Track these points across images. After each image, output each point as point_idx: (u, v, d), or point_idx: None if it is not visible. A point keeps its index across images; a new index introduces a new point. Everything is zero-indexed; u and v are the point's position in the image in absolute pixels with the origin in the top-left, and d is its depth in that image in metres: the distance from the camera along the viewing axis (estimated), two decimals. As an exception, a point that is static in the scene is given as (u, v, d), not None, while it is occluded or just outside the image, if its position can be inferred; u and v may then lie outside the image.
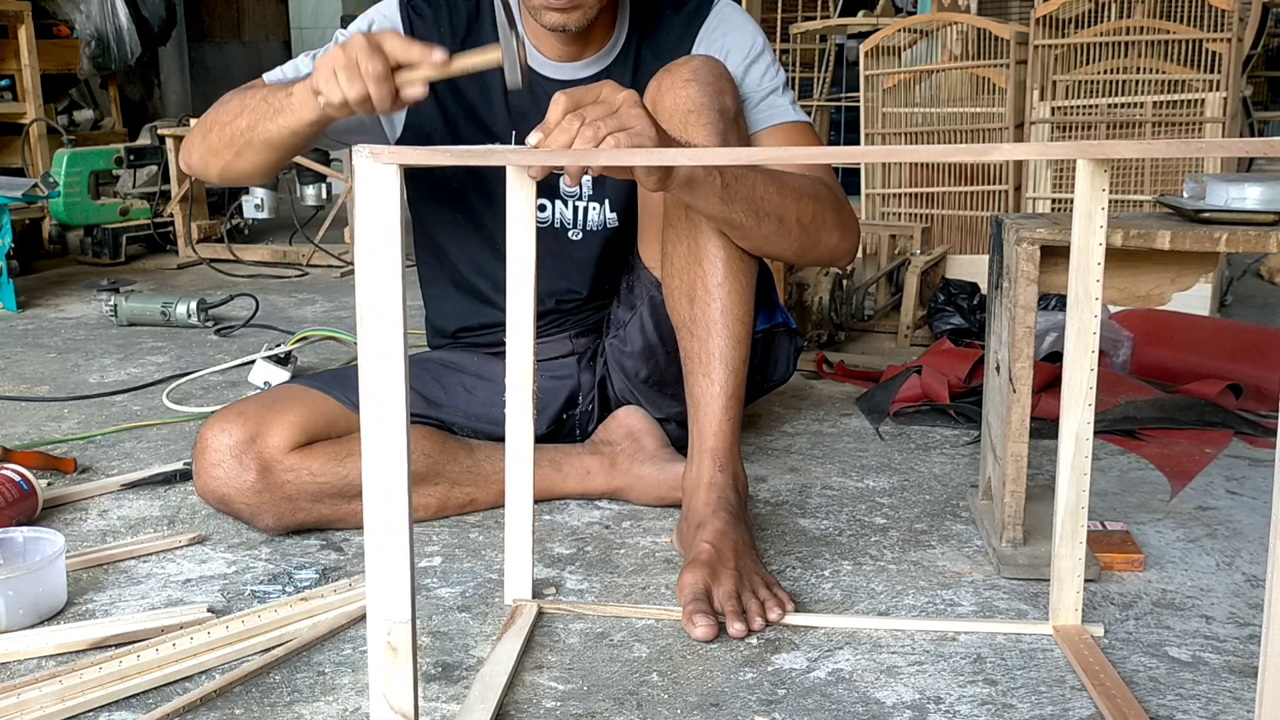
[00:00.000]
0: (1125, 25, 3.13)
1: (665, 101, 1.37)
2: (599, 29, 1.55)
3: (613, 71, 1.57)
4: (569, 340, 1.70)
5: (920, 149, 1.09)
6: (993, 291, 1.52)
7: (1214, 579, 1.39)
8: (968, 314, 2.54)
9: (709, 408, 1.40)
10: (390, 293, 0.84)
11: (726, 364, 1.39)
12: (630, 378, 1.65)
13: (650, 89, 1.40)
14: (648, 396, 1.65)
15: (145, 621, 1.25)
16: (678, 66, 1.40)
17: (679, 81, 1.38)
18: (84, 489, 1.67)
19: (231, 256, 3.77)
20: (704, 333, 1.40)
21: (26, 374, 2.40)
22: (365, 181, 0.84)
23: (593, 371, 1.70)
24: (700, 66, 1.39)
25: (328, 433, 1.50)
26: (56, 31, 4.71)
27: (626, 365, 1.64)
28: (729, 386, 1.39)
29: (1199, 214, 1.40)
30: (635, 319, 1.61)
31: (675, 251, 1.43)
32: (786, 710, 1.09)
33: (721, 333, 1.39)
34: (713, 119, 1.35)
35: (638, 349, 1.61)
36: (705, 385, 1.40)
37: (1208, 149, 0.75)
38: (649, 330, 1.59)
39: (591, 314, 1.70)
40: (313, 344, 2.62)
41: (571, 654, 1.21)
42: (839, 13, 5.10)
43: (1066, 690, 1.13)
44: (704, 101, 1.36)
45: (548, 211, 1.62)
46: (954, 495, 1.67)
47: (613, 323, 1.67)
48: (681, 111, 1.35)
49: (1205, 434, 1.91)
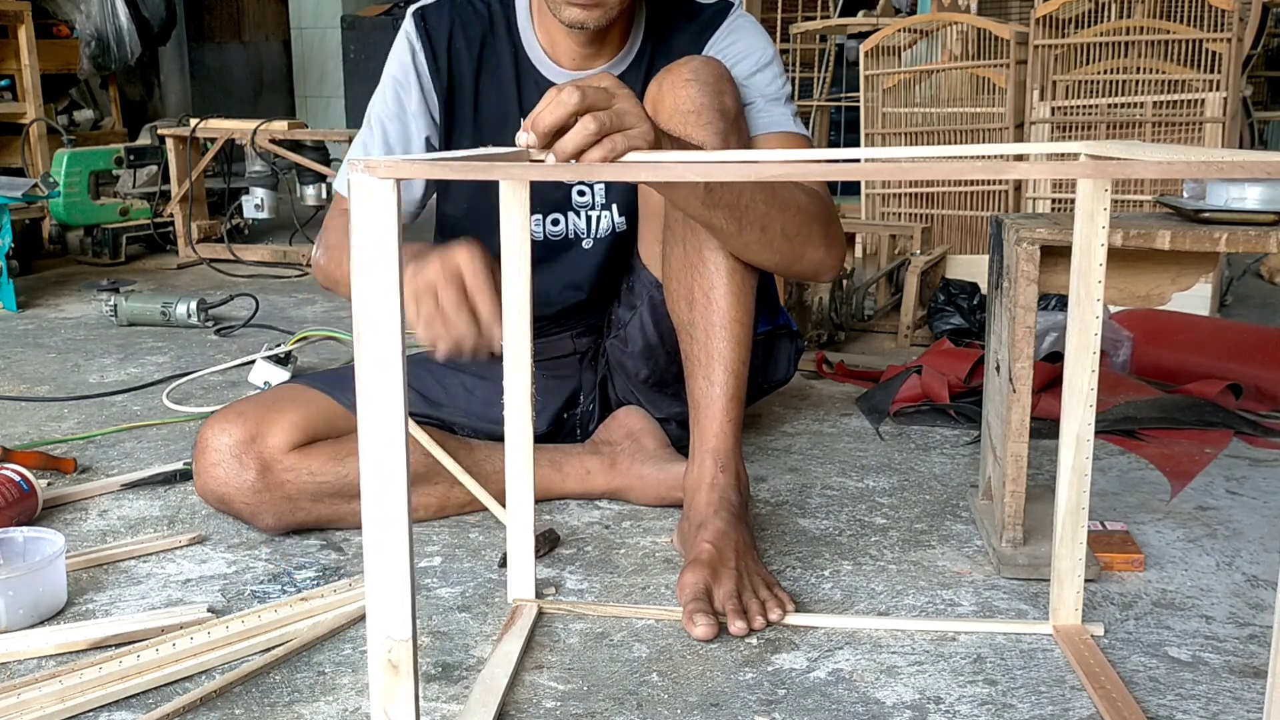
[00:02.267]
0: (1125, 25, 3.13)
1: (666, 102, 1.36)
2: (614, 35, 1.55)
3: (625, 79, 1.57)
4: (571, 340, 1.70)
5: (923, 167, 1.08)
6: (993, 291, 1.52)
7: (1214, 579, 1.39)
8: (968, 314, 2.55)
9: (710, 409, 1.40)
10: (389, 311, 0.80)
11: (727, 366, 1.39)
12: (631, 377, 1.65)
13: (651, 90, 1.40)
14: (648, 396, 1.65)
15: (145, 621, 1.25)
16: (678, 67, 1.39)
17: (679, 81, 1.36)
18: (84, 489, 1.67)
19: (231, 256, 3.77)
20: (704, 335, 1.40)
21: (26, 374, 2.40)
22: (362, 196, 0.79)
23: (594, 371, 1.70)
24: (701, 67, 1.39)
25: (327, 432, 1.50)
26: (56, 31, 4.71)
27: (627, 365, 1.64)
28: (729, 388, 1.39)
29: (1199, 214, 1.40)
30: (635, 319, 1.61)
31: (673, 253, 1.43)
32: (786, 710, 1.09)
33: (721, 335, 1.39)
34: (713, 119, 1.34)
35: (638, 349, 1.61)
36: (705, 387, 1.40)
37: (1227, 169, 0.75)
38: (649, 330, 1.59)
39: (594, 315, 1.70)
40: (313, 344, 2.62)
41: (571, 654, 1.21)
42: (839, 13, 5.10)
43: (1066, 690, 1.13)
44: (705, 101, 1.35)
45: (561, 225, 1.62)
46: (954, 495, 1.67)
47: (613, 323, 1.68)
48: (682, 112, 1.34)
49: (1205, 434, 1.91)
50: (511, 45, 1.56)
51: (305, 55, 6.58)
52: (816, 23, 4.63)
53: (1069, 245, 1.17)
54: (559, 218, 1.62)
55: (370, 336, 0.80)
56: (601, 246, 1.64)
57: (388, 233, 0.79)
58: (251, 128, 3.69)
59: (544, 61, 1.57)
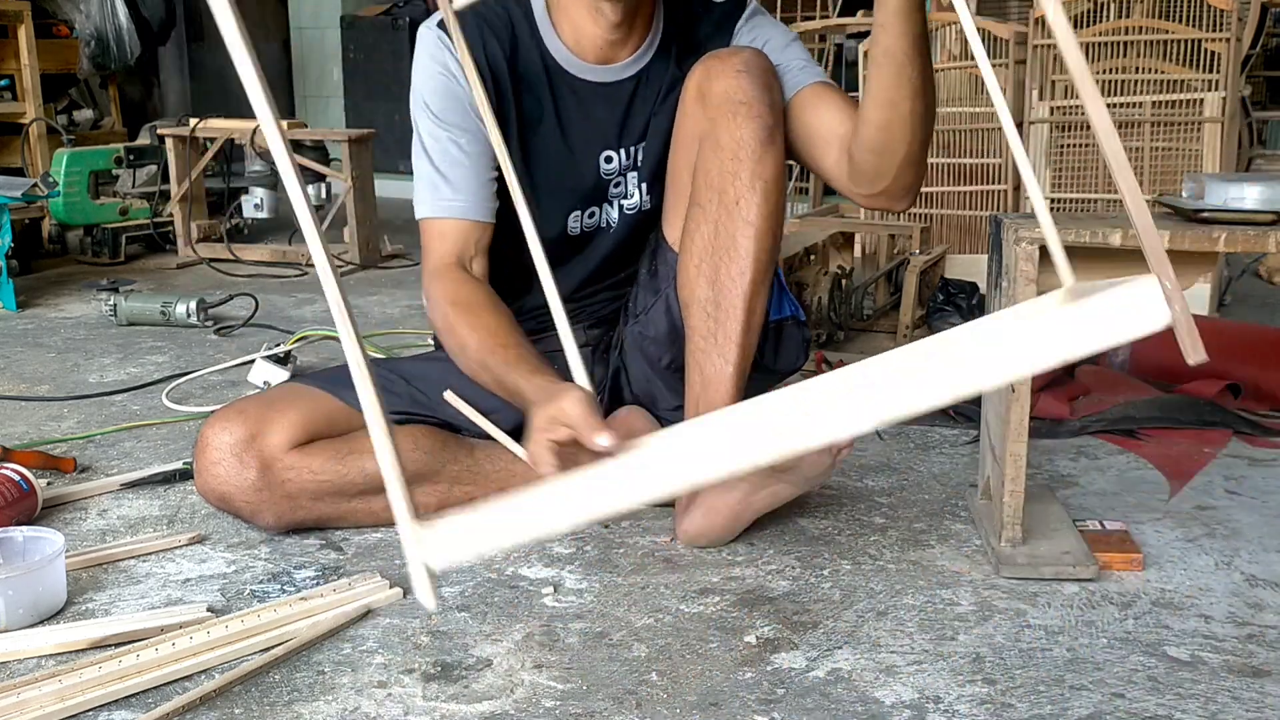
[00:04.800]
0: (1124, 25, 3.13)
1: (716, 86, 1.41)
2: (639, 24, 1.55)
3: (652, 70, 1.57)
4: (582, 332, 1.70)
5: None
6: (992, 291, 1.52)
7: (1213, 578, 1.39)
8: (967, 314, 2.55)
9: (721, 386, 1.45)
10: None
11: (742, 349, 1.45)
12: (653, 364, 1.64)
13: (697, 73, 1.44)
14: (669, 383, 1.64)
15: (145, 621, 1.25)
16: (728, 55, 1.44)
17: (730, 70, 1.42)
18: (84, 488, 1.67)
19: (231, 256, 3.77)
20: (724, 315, 1.45)
21: (26, 374, 2.40)
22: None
23: (605, 364, 1.70)
24: (752, 59, 1.43)
25: (328, 431, 1.50)
26: (56, 31, 4.71)
27: (650, 351, 1.64)
28: (741, 368, 1.46)
29: (1198, 214, 1.40)
30: (660, 302, 1.61)
31: (699, 231, 1.45)
32: (786, 710, 1.09)
33: (741, 318, 1.45)
34: (764, 112, 1.40)
35: (663, 332, 1.61)
36: (720, 365, 1.45)
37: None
38: (675, 313, 1.59)
39: (605, 304, 1.70)
40: (312, 344, 2.62)
41: (571, 654, 1.21)
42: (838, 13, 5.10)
43: (1066, 690, 1.13)
44: (756, 94, 1.41)
45: (596, 217, 1.63)
46: (953, 495, 1.67)
47: (633, 309, 1.67)
48: (733, 101, 1.40)
49: (1204, 434, 1.91)
50: (537, 47, 1.56)
51: (305, 55, 6.58)
52: (816, 22, 4.63)
53: (1068, 245, 1.17)
54: (595, 210, 1.62)
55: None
56: (624, 226, 1.64)
57: None
58: (251, 128, 3.68)
59: (570, 59, 1.56)
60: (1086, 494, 1.67)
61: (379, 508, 1.51)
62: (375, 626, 1.27)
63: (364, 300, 3.20)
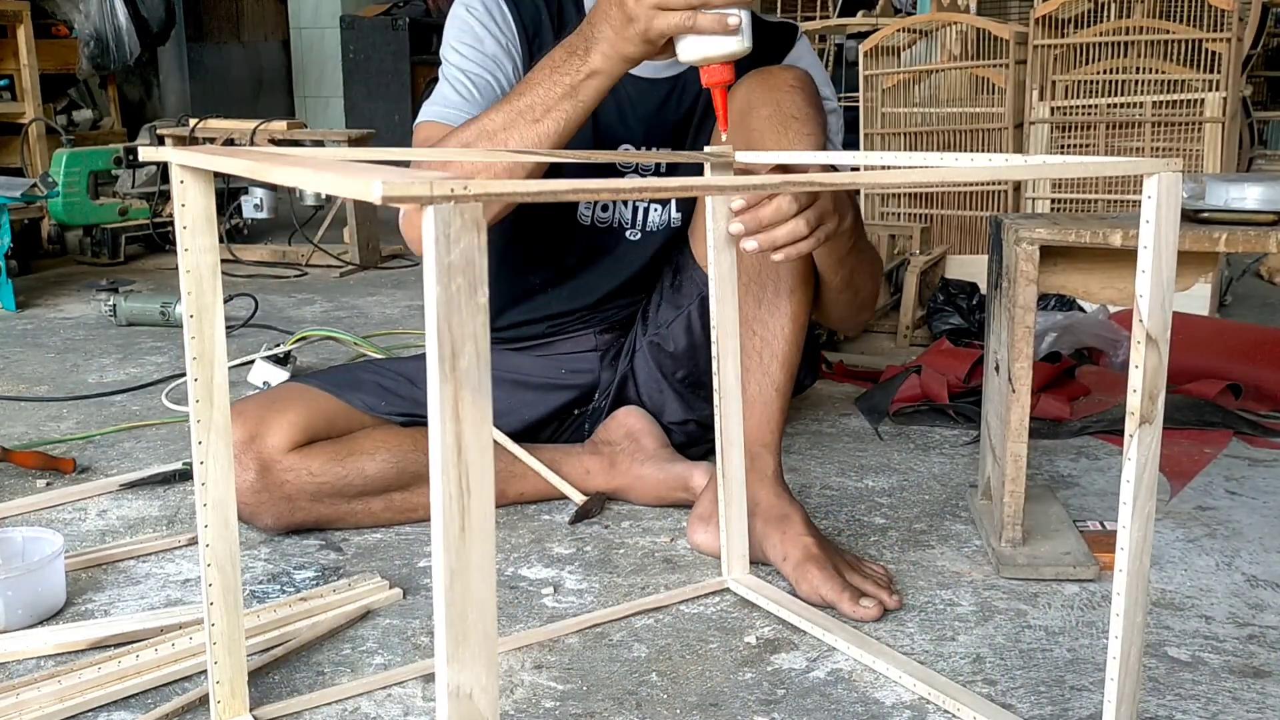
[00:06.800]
0: (1125, 25, 3.13)
1: (769, 99, 1.41)
2: None
3: (689, 77, 1.58)
4: (594, 335, 1.70)
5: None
6: (992, 291, 1.52)
7: (1213, 579, 1.39)
8: (967, 314, 2.55)
9: (768, 406, 1.45)
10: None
11: (786, 367, 1.46)
12: (666, 376, 1.65)
13: (748, 84, 1.42)
14: (679, 395, 1.65)
15: (144, 621, 1.25)
16: (781, 72, 1.44)
17: (783, 85, 1.41)
18: (83, 489, 1.67)
19: (231, 256, 3.77)
20: (769, 334, 1.45)
21: (26, 374, 2.40)
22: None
23: (613, 369, 1.70)
24: (804, 78, 1.43)
25: (327, 432, 1.50)
26: (55, 31, 4.71)
27: (665, 364, 1.65)
28: (785, 387, 1.46)
29: (1198, 214, 1.40)
30: (681, 319, 1.62)
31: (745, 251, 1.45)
32: (786, 710, 1.09)
33: (786, 336, 1.45)
34: (814, 130, 1.40)
35: (681, 349, 1.63)
36: (765, 383, 1.45)
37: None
38: (696, 331, 1.60)
39: (620, 310, 1.70)
40: (312, 344, 2.62)
41: (571, 654, 1.21)
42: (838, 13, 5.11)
43: (1066, 691, 1.13)
44: (808, 112, 1.41)
45: (609, 211, 1.63)
46: (953, 495, 1.67)
47: (652, 321, 1.67)
48: (784, 115, 1.39)
49: (1205, 434, 1.91)
50: (577, 10, 1.56)
51: (304, 55, 6.58)
52: (816, 23, 4.64)
53: (1068, 245, 1.17)
54: (608, 203, 1.62)
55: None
56: (653, 241, 1.65)
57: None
58: (250, 128, 3.69)
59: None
60: (1086, 494, 1.67)
61: (378, 509, 1.51)
62: (375, 627, 1.27)
63: (364, 300, 3.20)
